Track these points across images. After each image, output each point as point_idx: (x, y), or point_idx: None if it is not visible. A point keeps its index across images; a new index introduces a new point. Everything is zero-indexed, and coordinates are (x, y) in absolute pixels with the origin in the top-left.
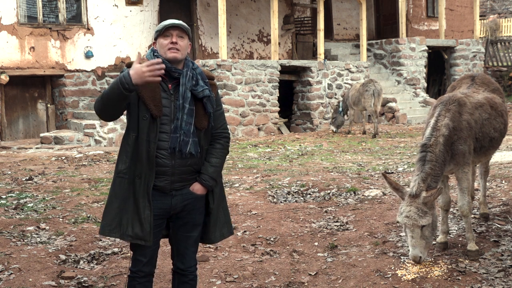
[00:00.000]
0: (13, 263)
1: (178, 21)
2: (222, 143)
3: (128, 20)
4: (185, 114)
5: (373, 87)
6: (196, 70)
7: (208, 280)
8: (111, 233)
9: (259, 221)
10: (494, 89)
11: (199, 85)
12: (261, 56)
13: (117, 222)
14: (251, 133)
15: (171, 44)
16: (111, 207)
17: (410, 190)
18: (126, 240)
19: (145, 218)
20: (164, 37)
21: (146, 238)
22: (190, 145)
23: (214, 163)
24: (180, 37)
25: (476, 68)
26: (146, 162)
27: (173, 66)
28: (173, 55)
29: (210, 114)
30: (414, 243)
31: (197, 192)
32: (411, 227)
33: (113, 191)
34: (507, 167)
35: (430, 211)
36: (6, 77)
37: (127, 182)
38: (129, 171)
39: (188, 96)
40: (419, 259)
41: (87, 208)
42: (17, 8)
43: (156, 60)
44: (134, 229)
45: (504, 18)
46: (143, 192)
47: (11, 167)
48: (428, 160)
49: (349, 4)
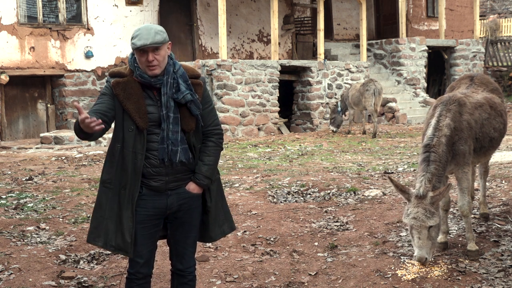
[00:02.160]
0: (13, 263)
1: (150, 40)
2: (214, 140)
3: (128, 20)
4: (170, 123)
5: (374, 87)
6: (177, 72)
7: (208, 280)
8: (95, 241)
9: (259, 221)
10: (493, 89)
11: (180, 91)
12: (261, 56)
13: (100, 230)
14: (251, 133)
15: (148, 62)
16: (96, 215)
17: (417, 191)
18: (109, 250)
19: (126, 229)
20: (140, 54)
21: (127, 250)
22: (179, 154)
23: (207, 161)
24: (155, 51)
25: (476, 68)
26: (132, 173)
27: (152, 79)
28: (152, 72)
29: (197, 116)
30: (420, 244)
31: (193, 191)
32: (419, 228)
33: (98, 200)
34: (507, 167)
35: (437, 211)
36: (6, 77)
37: (111, 192)
38: (114, 182)
39: (171, 105)
40: (425, 260)
41: (87, 208)
42: (17, 8)
43: (92, 119)
44: (117, 240)
45: (504, 18)
46: (127, 203)
47: (11, 167)
48: (432, 161)
49: (349, 4)
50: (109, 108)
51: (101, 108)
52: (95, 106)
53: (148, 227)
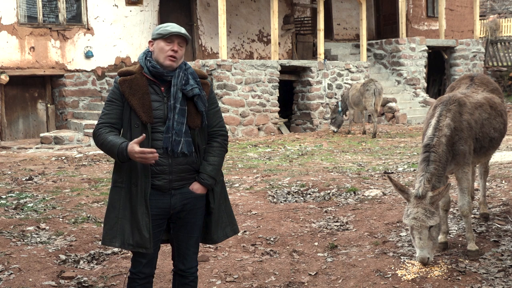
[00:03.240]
0: (13, 263)
1: (182, 30)
2: (219, 141)
3: (128, 20)
4: (176, 113)
5: (374, 87)
6: (188, 70)
7: (208, 280)
8: (112, 243)
9: (259, 221)
10: (493, 89)
11: (188, 84)
12: (261, 56)
13: (116, 231)
14: (251, 133)
15: (172, 51)
16: (110, 216)
17: (416, 191)
18: (127, 249)
19: (143, 225)
20: (166, 42)
21: (146, 245)
22: (182, 145)
23: (212, 161)
24: (180, 46)
25: (476, 68)
26: (141, 169)
27: (165, 70)
28: (171, 63)
29: (203, 112)
30: (422, 245)
31: (197, 191)
32: (419, 228)
33: (111, 200)
34: (507, 167)
35: (437, 211)
36: (6, 77)
37: (123, 191)
38: (124, 180)
39: (179, 97)
40: (427, 260)
41: (87, 208)
42: (17, 8)
43: (150, 150)
44: (134, 237)
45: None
46: (141, 200)
47: (11, 167)
48: (432, 161)
49: (349, 4)
50: (119, 117)
51: (111, 119)
52: (105, 116)
53: (152, 227)
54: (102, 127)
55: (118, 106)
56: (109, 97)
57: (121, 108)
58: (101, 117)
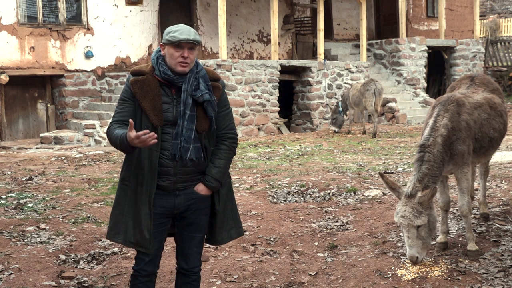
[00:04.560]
0: (13, 263)
1: (192, 36)
2: (227, 144)
3: (128, 20)
4: (186, 120)
5: (374, 87)
6: (199, 73)
7: (208, 280)
8: (115, 238)
9: (259, 221)
10: (493, 89)
11: (199, 89)
12: (261, 56)
13: (120, 227)
14: (251, 133)
15: (182, 58)
16: (115, 212)
17: (406, 190)
18: (128, 246)
19: (145, 225)
20: (176, 49)
21: (146, 245)
22: (190, 151)
23: (218, 164)
24: (190, 50)
25: (476, 68)
26: (148, 170)
27: (177, 76)
28: (182, 69)
29: (211, 117)
30: (410, 243)
31: (201, 192)
32: (407, 227)
33: (118, 197)
34: (507, 167)
35: (426, 211)
36: (6, 77)
37: (130, 190)
38: (131, 179)
39: (189, 103)
40: (416, 259)
41: (87, 208)
42: (17, 8)
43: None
44: (136, 236)
45: (504, 18)
46: (144, 200)
47: (11, 167)
48: (426, 161)
49: (349, 4)
50: (132, 115)
51: (123, 117)
52: (118, 114)
53: (155, 226)
54: (114, 124)
55: (131, 104)
56: (121, 96)
57: (133, 106)
58: (114, 115)
